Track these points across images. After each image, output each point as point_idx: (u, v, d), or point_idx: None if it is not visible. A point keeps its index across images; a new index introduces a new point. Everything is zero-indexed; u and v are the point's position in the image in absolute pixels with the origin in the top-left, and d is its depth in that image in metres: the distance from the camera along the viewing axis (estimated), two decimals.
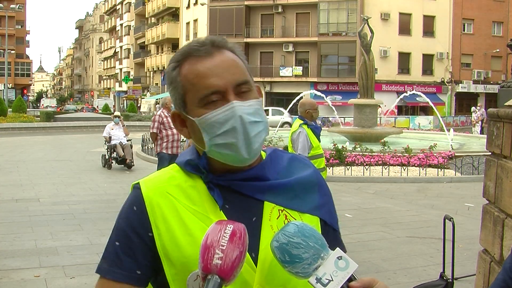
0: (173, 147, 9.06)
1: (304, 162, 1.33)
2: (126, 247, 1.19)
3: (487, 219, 3.35)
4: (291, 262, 1.02)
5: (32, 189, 10.84)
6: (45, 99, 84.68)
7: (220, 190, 1.20)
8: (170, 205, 1.18)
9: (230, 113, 1.15)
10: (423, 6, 41.98)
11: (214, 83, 1.16)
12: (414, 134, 23.26)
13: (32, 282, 5.32)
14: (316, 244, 1.03)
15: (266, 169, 1.24)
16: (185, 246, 1.14)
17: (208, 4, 44.02)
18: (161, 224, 1.17)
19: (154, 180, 1.24)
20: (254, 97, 1.21)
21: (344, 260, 1.02)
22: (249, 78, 1.22)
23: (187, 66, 1.20)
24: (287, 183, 1.24)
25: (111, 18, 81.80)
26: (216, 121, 1.16)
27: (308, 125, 6.09)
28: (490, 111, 3.41)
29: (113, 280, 1.18)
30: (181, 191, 1.20)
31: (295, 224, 1.05)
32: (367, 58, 19.70)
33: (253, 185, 1.22)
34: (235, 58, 1.22)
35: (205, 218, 1.17)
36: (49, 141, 23.56)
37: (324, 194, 1.30)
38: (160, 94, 53.45)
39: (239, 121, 1.15)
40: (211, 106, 1.17)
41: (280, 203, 1.22)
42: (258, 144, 1.19)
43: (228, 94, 1.17)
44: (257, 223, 1.19)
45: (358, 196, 10.68)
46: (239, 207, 1.20)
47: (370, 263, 6.02)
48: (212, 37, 1.22)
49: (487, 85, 43.94)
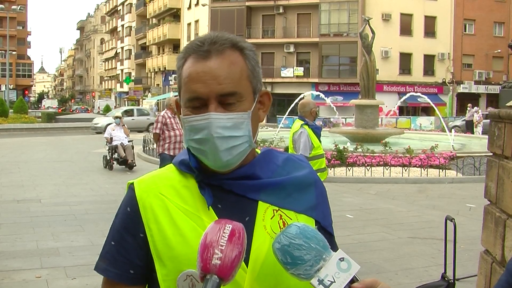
0: (175, 148, 9.03)
1: (300, 163, 1.31)
2: (120, 247, 1.22)
3: (489, 219, 3.35)
4: (293, 264, 1.02)
5: (33, 190, 10.85)
6: (47, 100, 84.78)
7: (212, 189, 1.20)
8: (162, 205, 1.20)
9: (204, 124, 1.16)
10: (424, 7, 41.96)
11: (198, 90, 1.16)
12: (415, 135, 23.24)
13: (33, 283, 5.32)
14: (318, 245, 1.02)
15: (257, 167, 1.23)
16: (176, 246, 1.15)
17: (209, 5, 44.04)
18: (153, 225, 1.19)
19: (148, 181, 1.26)
20: (242, 109, 1.18)
21: (346, 262, 1.02)
22: (241, 89, 1.17)
23: (186, 64, 1.20)
24: (279, 182, 1.23)
25: (112, 19, 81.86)
26: (192, 126, 1.17)
27: (309, 125, 6.09)
28: (491, 112, 3.41)
29: (108, 279, 1.24)
30: (174, 191, 1.21)
31: (297, 225, 1.05)
32: (368, 59, 19.69)
33: (244, 183, 1.21)
34: (234, 63, 1.17)
35: (196, 218, 1.17)
36: (50, 142, 23.59)
37: (319, 195, 1.28)
38: (161, 95, 53.52)
39: (209, 134, 1.15)
40: (194, 110, 1.18)
41: (274, 202, 1.21)
42: (231, 157, 1.18)
43: (209, 103, 1.16)
44: (250, 223, 1.18)
45: (359, 196, 10.67)
46: (232, 207, 1.19)
47: (372, 264, 6.02)
48: (215, 36, 1.19)
49: (489, 85, 43.89)
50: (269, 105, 1.29)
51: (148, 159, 16.29)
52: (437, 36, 42.78)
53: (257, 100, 1.23)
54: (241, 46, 1.20)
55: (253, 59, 1.22)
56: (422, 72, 42.55)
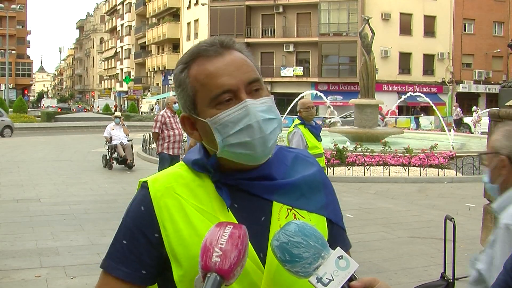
0: (174, 147, 9.03)
1: (308, 160, 1.32)
2: (132, 247, 1.19)
3: (488, 219, 3.35)
4: (291, 261, 1.01)
5: (33, 189, 10.85)
6: (46, 99, 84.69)
7: (228, 189, 1.19)
8: (177, 205, 1.18)
9: (244, 112, 1.15)
10: (424, 6, 41.96)
11: (226, 82, 1.15)
12: (415, 134, 23.24)
13: (33, 282, 5.32)
14: (316, 243, 1.02)
15: (273, 168, 1.23)
16: (192, 246, 1.14)
17: (208, 4, 44.02)
18: (168, 225, 1.17)
19: (162, 180, 1.23)
20: (266, 95, 1.20)
21: (344, 260, 1.01)
22: (260, 76, 1.22)
23: (196, 67, 1.19)
24: (294, 182, 1.23)
25: (111, 18, 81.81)
26: (229, 120, 1.15)
27: (305, 125, 6.09)
28: (491, 111, 3.41)
29: (117, 278, 1.19)
30: (189, 191, 1.20)
31: (296, 223, 1.05)
32: (368, 58, 19.69)
33: (261, 184, 1.21)
34: (245, 57, 1.22)
35: (212, 218, 1.16)
36: (50, 141, 23.57)
37: (329, 193, 1.30)
38: (161, 94, 53.50)
39: (254, 119, 1.14)
40: (223, 106, 1.16)
41: (288, 202, 1.21)
42: (273, 141, 1.19)
43: (240, 93, 1.16)
44: (266, 223, 1.18)
45: (359, 196, 10.67)
46: (248, 207, 1.19)
47: (371, 263, 6.02)
48: (220, 38, 1.22)
49: (488, 85, 43.91)
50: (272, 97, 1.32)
51: (148, 159, 16.27)
52: (436, 35, 42.78)
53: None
54: (240, 47, 1.24)
55: (252, 58, 1.25)
56: (422, 71, 42.55)
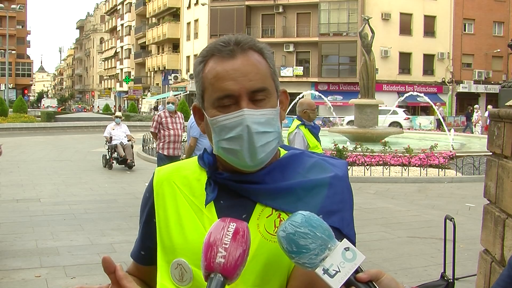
0: (169, 148, 8.94)
1: (327, 166, 1.23)
2: (141, 228, 1.33)
3: (488, 219, 3.35)
4: (298, 252, 1.00)
5: (33, 189, 10.85)
6: (46, 99, 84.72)
7: (220, 186, 1.21)
8: (172, 193, 1.25)
9: (238, 120, 1.14)
10: (423, 6, 41.96)
11: (229, 87, 1.15)
12: (414, 134, 23.25)
13: (33, 282, 5.32)
14: (323, 234, 1.01)
15: (273, 174, 1.20)
16: (174, 235, 1.20)
17: (208, 4, 44.04)
18: (161, 212, 1.25)
19: (167, 169, 1.32)
20: (271, 106, 1.18)
21: (351, 251, 1.00)
22: (268, 85, 1.18)
23: (210, 64, 1.19)
24: (286, 187, 1.19)
25: (111, 18, 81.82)
26: (225, 125, 1.16)
27: (305, 125, 6.06)
28: (491, 111, 3.41)
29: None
30: (186, 182, 1.26)
31: (303, 214, 1.03)
32: (368, 58, 19.70)
33: (249, 187, 1.20)
34: (258, 62, 1.19)
35: (198, 210, 1.20)
36: (50, 141, 23.56)
37: (339, 201, 1.17)
38: (160, 94, 53.51)
39: (246, 130, 1.14)
40: (224, 109, 1.16)
41: (278, 206, 1.17)
42: (265, 154, 1.17)
43: (241, 100, 1.15)
44: (246, 220, 1.17)
45: (359, 196, 10.66)
46: (232, 204, 1.20)
47: (371, 263, 6.02)
48: (238, 37, 1.20)
49: (488, 85, 43.91)
50: (287, 103, 1.30)
51: (148, 159, 16.28)
52: (436, 35, 42.79)
53: (278, 99, 1.23)
54: (260, 46, 1.22)
55: (272, 59, 1.23)
56: (422, 71, 42.56)
